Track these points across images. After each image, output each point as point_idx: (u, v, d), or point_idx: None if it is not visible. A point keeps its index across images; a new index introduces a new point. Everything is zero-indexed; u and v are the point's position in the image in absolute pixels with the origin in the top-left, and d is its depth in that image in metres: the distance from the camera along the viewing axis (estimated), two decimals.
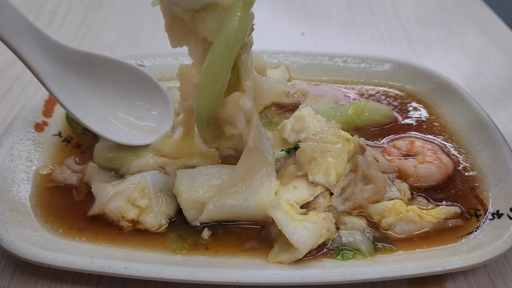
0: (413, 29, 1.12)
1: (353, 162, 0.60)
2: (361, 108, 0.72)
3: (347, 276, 0.48)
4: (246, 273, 0.48)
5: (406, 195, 0.61)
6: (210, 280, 0.47)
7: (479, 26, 1.13)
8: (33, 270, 0.54)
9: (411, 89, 0.81)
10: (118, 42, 1.04)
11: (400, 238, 0.56)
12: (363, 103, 0.73)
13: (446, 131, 0.73)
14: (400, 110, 0.78)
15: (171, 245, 0.54)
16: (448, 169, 0.64)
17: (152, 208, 0.57)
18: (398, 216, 0.56)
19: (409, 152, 0.67)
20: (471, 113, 0.70)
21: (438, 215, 0.58)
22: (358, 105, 0.73)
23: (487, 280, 0.54)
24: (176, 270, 0.48)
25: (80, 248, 0.53)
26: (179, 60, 0.83)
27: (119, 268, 0.48)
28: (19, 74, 0.91)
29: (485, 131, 0.67)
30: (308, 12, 1.19)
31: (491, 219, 0.57)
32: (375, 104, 0.75)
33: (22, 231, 0.53)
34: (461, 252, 0.52)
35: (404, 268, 0.48)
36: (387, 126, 0.74)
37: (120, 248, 0.54)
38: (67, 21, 1.11)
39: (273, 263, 0.51)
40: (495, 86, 0.92)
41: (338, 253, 0.53)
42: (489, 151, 0.65)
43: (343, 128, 0.65)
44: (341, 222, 0.57)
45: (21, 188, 0.60)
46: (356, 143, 0.60)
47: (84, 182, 0.63)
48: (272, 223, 0.53)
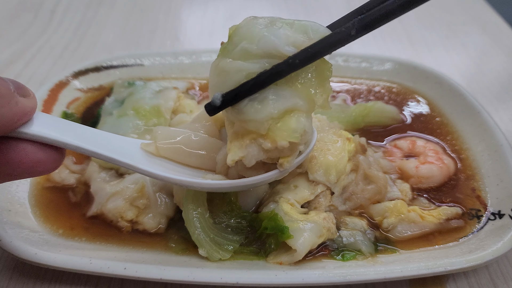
0: (414, 28, 1.12)
1: (354, 161, 0.59)
2: (368, 110, 0.71)
3: (347, 277, 0.47)
4: (246, 274, 0.48)
5: (407, 196, 0.60)
6: (210, 281, 0.47)
7: (481, 25, 1.13)
8: (32, 271, 0.54)
9: (412, 89, 0.81)
10: (117, 41, 1.04)
11: (401, 239, 0.56)
12: (370, 104, 0.72)
13: (447, 130, 0.72)
14: (401, 109, 0.77)
15: (176, 247, 0.53)
16: (449, 170, 0.64)
17: (151, 208, 0.57)
18: (400, 217, 0.56)
19: (410, 152, 0.67)
20: (472, 113, 0.70)
21: (440, 215, 0.57)
22: (364, 106, 0.72)
23: (489, 281, 0.54)
24: (175, 271, 0.48)
25: (79, 248, 0.53)
26: (178, 59, 0.83)
27: (118, 268, 0.48)
28: (18, 73, 0.90)
29: (486, 131, 0.67)
30: (308, 10, 1.19)
31: (493, 219, 0.57)
32: (383, 106, 0.74)
33: (21, 231, 0.53)
34: (463, 252, 0.51)
35: (405, 269, 0.48)
36: (389, 126, 0.73)
37: (119, 248, 0.53)
38: (66, 20, 1.10)
39: (273, 264, 0.51)
40: (497, 86, 0.91)
41: (339, 254, 0.53)
42: (491, 151, 0.64)
43: (345, 129, 0.64)
44: (342, 222, 0.56)
45: (20, 188, 0.60)
46: (357, 142, 0.60)
47: (82, 183, 0.62)
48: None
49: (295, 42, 0.42)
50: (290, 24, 0.44)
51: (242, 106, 0.43)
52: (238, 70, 0.43)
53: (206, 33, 1.08)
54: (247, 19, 0.45)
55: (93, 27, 1.08)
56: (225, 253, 0.50)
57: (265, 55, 0.43)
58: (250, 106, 0.43)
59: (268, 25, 0.44)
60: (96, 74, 0.79)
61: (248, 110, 0.43)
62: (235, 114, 0.44)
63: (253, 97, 0.43)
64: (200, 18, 1.14)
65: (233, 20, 1.16)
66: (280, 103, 0.43)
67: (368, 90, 0.81)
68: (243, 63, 0.43)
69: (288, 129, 0.43)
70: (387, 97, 0.80)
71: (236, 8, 1.18)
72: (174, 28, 1.08)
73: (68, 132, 0.43)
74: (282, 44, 0.42)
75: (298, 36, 0.43)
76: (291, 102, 0.43)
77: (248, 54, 0.43)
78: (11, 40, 1.01)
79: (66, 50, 0.99)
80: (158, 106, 0.69)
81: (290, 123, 0.43)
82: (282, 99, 0.43)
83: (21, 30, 1.05)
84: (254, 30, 0.43)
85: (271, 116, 0.43)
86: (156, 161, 0.50)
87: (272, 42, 0.42)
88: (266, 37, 0.42)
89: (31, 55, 0.96)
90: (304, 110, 0.44)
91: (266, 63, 0.43)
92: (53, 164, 0.42)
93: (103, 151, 0.45)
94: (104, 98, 0.76)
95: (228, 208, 0.53)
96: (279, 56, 0.42)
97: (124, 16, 1.13)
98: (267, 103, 0.43)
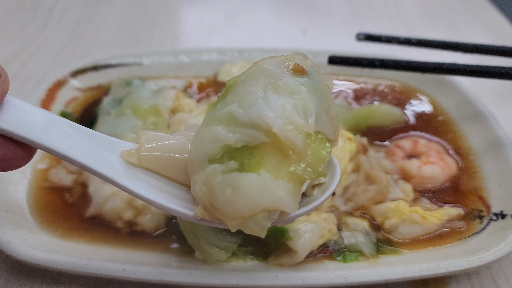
0: (415, 27, 1.11)
1: (355, 161, 0.59)
2: (372, 113, 0.70)
3: (349, 279, 0.47)
4: (246, 275, 0.47)
5: (409, 196, 0.60)
6: (210, 282, 0.47)
7: (483, 24, 1.12)
8: (30, 272, 0.53)
9: (414, 87, 0.80)
10: (116, 40, 1.03)
11: (403, 240, 0.55)
12: (375, 108, 0.72)
13: (448, 130, 0.72)
14: (403, 109, 0.77)
15: (175, 248, 0.53)
16: (451, 170, 0.64)
17: (150, 209, 0.56)
18: (401, 217, 0.55)
19: (412, 152, 0.66)
20: (475, 112, 0.70)
21: (442, 216, 0.57)
22: (369, 109, 0.71)
23: (491, 282, 0.54)
24: (175, 272, 0.47)
25: (77, 249, 0.52)
26: (178, 58, 0.82)
27: (117, 270, 0.47)
28: (16, 72, 0.90)
29: (489, 130, 0.66)
30: (308, 9, 1.18)
31: (495, 220, 0.56)
32: (388, 108, 0.72)
33: (19, 232, 0.52)
34: (465, 253, 0.51)
35: (407, 270, 0.48)
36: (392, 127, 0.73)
37: (118, 249, 0.53)
38: (65, 19, 1.10)
39: (273, 266, 0.50)
40: (499, 85, 0.91)
41: (340, 255, 0.52)
42: (493, 150, 0.64)
43: (347, 129, 0.64)
44: (343, 223, 0.56)
45: (18, 188, 0.59)
46: (358, 142, 0.60)
47: (80, 183, 0.62)
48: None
49: (290, 119, 0.34)
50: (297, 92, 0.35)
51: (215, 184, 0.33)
52: (213, 139, 0.34)
53: (206, 31, 1.08)
54: (254, 69, 0.37)
55: (92, 25, 1.07)
56: (221, 255, 0.49)
57: (250, 125, 0.34)
58: (222, 187, 0.33)
59: (269, 86, 0.35)
60: (95, 73, 0.79)
61: (221, 193, 0.33)
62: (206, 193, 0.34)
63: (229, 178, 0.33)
64: (199, 16, 1.14)
65: (233, 18, 1.16)
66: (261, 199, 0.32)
67: (370, 88, 0.81)
68: (222, 132, 0.34)
69: (259, 227, 0.34)
70: (389, 96, 0.80)
71: (236, 6, 1.17)
72: (173, 27, 1.08)
73: (38, 128, 0.36)
74: (273, 117, 0.33)
75: (294, 116, 0.34)
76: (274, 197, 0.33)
77: (233, 120, 0.34)
78: (9, 39, 1.00)
79: (65, 49, 0.99)
80: (157, 106, 0.68)
81: (262, 223, 0.33)
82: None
83: (19, 29, 1.04)
84: (250, 91, 0.35)
85: (243, 214, 0.33)
86: (138, 174, 0.40)
87: (263, 113, 0.33)
88: (258, 105, 0.34)
89: (29, 54, 0.95)
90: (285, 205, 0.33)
91: (247, 136, 0.34)
92: (16, 163, 0.36)
93: (77, 156, 0.37)
94: (103, 97, 0.75)
95: None
96: (266, 129, 0.33)
97: (123, 14, 1.12)
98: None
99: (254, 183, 0.33)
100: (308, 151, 0.34)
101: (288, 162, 0.34)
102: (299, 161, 0.34)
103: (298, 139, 0.34)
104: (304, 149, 0.34)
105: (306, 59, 0.39)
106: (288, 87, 0.36)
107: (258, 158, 0.34)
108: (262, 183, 0.33)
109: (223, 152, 0.34)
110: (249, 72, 0.37)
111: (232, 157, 0.34)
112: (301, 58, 0.39)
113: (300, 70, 0.37)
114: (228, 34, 1.06)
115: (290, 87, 0.36)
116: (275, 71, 0.36)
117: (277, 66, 0.37)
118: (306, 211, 0.38)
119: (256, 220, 0.33)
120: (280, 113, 0.34)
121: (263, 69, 0.36)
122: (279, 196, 0.33)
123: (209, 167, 0.34)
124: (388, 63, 0.65)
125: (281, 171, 0.34)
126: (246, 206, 0.33)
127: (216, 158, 0.34)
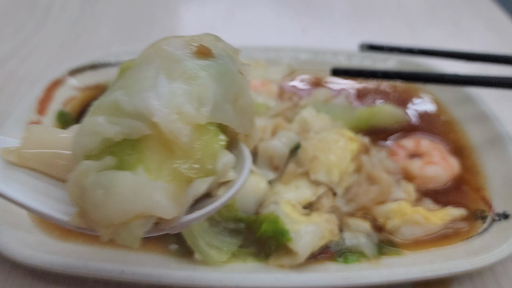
0: (417, 25, 1.10)
1: (357, 161, 0.58)
2: (374, 113, 0.70)
3: (350, 280, 0.46)
4: (246, 277, 0.47)
5: (411, 197, 0.59)
6: (209, 284, 0.46)
7: (486, 22, 1.11)
8: (28, 273, 0.53)
9: (414, 87, 0.79)
10: (113, 37, 1.02)
11: (405, 241, 0.54)
12: (377, 109, 0.71)
13: (451, 130, 0.71)
14: (405, 108, 0.76)
15: (174, 249, 0.52)
16: (454, 170, 0.63)
17: None
18: (404, 218, 0.55)
19: (414, 152, 0.66)
20: (477, 111, 0.69)
21: (444, 217, 0.56)
22: (371, 110, 0.71)
23: (494, 283, 0.53)
24: (174, 274, 0.47)
25: (75, 250, 0.52)
26: None
27: (115, 271, 0.47)
28: (13, 71, 0.89)
29: (491, 130, 0.66)
30: (309, 6, 1.17)
31: (498, 220, 0.56)
32: (390, 109, 0.72)
33: (17, 233, 0.51)
34: (467, 254, 0.50)
35: (409, 272, 0.47)
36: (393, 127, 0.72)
37: (116, 251, 0.52)
38: (62, 17, 1.09)
39: (273, 267, 0.50)
40: None
41: (341, 256, 0.52)
42: (496, 150, 0.63)
43: (349, 129, 0.63)
44: (344, 224, 0.55)
45: None
46: (360, 142, 0.59)
47: None
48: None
49: (179, 108, 0.29)
50: (193, 77, 0.30)
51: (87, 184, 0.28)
52: (92, 131, 0.29)
53: (205, 29, 1.06)
54: (151, 50, 0.32)
55: (90, 23, 1.07)
56: (221, 257, 0.48)
57: (134, 115, 0.28)
58: (93, 188, 0.27)
59: (163, 70, 0.30)
60: (93, 71, 0.78)
61: (91, 195, 0.28)
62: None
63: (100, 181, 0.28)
64: (199, 13, 1.13)
65: (233, 16, 1.15)
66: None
67: (371, 87, 0.80)
68: (102, 123, 0.28)
69: (131, 237, 0.28)
70: (391, 95, 0.79)
71: (236, 4, 1.16)
72: (172, 24, 1.07)
73: None
74: (158, 105, 0.28)
75: (185, 105, 0.29)
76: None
77: (117, 109, 0.29)
78: (6, 37, 0.99)
79: (62, 47, 0.98)
80: None
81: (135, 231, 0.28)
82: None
83: (16, 27, 1.03)
84: (141, 77, 0.30)
85: (114, 220, 0.28)
86: (18, 175, 0.34)
87: (148, 101, 0.28)
88: (145, 93, 0.28)
89: (26, 53, 0.94)
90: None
91: (127, 128, 0.28)
92: None
93: None
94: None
95: (224, 211, 0.52)
96: (148, 121, 0.28)
97: (121, 12, 1.11)
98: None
99: (128, 184, 0.27)
100: (197, 145, 0.29)
101: (173, 158, 0.28)
102: (185, 157, 0.29)
103: (183, 130, 0.28)
104: (190, 142, 0.28)
105: (218, 41, 0.34)
106: (186, 71, 0.30)
107: (140, 154, 0.28)
108: (136, 183, 0.27)
109: (104, 147, 0.28)
110: (145, 54, 0.32)
111: (112, 152, 0.28)
112: (212, 39, 0.34)
113: (205, 52, 0.32)
114: (227, 32, 1.05)
115: (188, 72, 0.30)
116: (175, 53, 0.31)
117: (179, 47, 0.32)
118: (201, 215, 0.32)
119: (129, 228, 0.28)
120: (167, 101, 0.28)
121: (161, 51, 0.31)
122: (155, 200, 0.27)
123: (82, 164, 0.28)
124: (390, 75, 0.66)
125: (163, 169, 0.28)
126: (117, 211, 0.27)
127: (93, 154, 0.28)
